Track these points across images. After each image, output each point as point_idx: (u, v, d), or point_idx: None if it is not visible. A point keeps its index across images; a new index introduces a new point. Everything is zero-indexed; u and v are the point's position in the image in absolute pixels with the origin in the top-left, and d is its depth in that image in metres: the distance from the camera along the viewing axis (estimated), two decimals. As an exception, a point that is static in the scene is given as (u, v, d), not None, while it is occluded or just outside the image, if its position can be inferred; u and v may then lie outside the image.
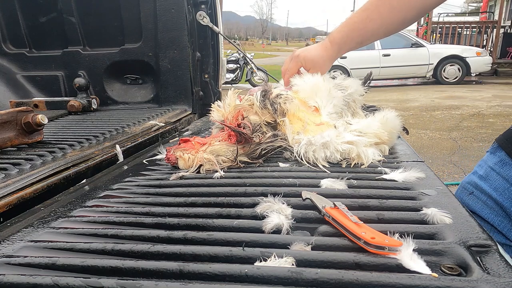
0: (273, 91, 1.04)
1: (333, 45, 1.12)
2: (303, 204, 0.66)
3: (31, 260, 0.52)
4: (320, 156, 0.89)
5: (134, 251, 0.53)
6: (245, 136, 0.91)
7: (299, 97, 1.06)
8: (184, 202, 0.72)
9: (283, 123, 1.00)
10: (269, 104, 1.00)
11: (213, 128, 1.12)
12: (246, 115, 0.98)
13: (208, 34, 1.93)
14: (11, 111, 1.19)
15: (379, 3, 1.02)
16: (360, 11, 1.06)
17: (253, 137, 0.92)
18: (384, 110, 1.02)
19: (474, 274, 0.44)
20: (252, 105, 1.01)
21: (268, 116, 1.01)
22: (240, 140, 0.91)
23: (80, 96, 1.89)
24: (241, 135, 0.90)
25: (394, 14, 1.00)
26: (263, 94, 1.02)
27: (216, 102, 1.06)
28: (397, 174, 0.79)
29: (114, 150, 1.22)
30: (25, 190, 0.90)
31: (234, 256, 0.51)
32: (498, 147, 0.89)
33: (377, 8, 1.02)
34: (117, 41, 2.00)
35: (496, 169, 0.87)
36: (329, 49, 1.13)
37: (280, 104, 1.00)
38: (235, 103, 1.02)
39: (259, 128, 0.97)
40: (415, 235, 0.52)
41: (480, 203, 0.89)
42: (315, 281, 0.44)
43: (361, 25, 1.05)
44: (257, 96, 1.02)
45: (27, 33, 2.08)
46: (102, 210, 0.71)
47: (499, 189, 0.86)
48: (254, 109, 1.01)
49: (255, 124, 0.97)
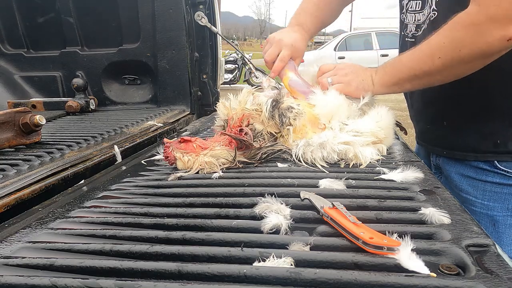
0: (284, 101, 0.98)
1: (304, 29, 1.21)
2: (302, 204, 0.66)
3: (29, 261, 0.52)
4: (318, 156, 0.89)
5: (133, 251, 0.53)
6: (246, 143, 0.90)
7: (313, 112, 1.01)
8: (182, 202, 0.72)
9: (287, 136, 0.97)
10: (278, 116, 0.95)
11: (215, 126, 1.08)
12: (252, 122, 0.95)
13: (207, 34, 1.93)
14: (9, 111, 1.19)
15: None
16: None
17: (253, 144, 0.92)
18: (376, 107, 1.02)
19: (472, 273, 0.44)
20: (260, 112, 0.97)
21: (274, 127, 0.97)
22: (240, 146, 0.91)
23: (78, 97, 1.89)
24: (241, 142, 0.90)
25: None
26: (274, 105, 0.96)
27: (225, 100, 1.02)
28: (395, 174, 0.79)
29: (112, 150, 1.22)
30: (23, 191, 0.90)
31: (233, 256, 0.51)
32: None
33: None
34: (115, 42, 2.00)
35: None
36: (303, 32, 1.20)
37: (290, 119, 0.96)
38: (244, 106, 0.98)
39: (260, 135, 0.95)
40: (414, 235, 0.52)
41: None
42: (314, 281, 0.44)
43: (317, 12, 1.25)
44: (267, 105, 0.96)
45: (25, 33, 2.07)
46: (101, 211, 0.71)
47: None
48: (261, 117, 0.96)
49: (257, 132, 0.95)
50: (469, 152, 1.04)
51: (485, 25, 0.82)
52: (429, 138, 1.20)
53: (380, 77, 1.02)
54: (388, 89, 1.03)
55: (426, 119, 1.18)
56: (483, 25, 0.82)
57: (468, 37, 0.84)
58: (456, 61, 0.88)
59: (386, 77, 1.01)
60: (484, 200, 1.03)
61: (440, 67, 0.90)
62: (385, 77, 1.02)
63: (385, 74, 1.02)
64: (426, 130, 1.20)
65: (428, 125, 1.17)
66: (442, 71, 0.91)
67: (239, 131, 0.92)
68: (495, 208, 1.01)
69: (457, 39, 0.86)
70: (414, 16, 1.09)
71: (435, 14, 0.99)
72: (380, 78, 1.02)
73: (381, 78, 1.02)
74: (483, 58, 0.87)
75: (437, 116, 1.12)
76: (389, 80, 1.01)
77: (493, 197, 1.01)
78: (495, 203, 1.01)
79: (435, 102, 1.10)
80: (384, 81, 1.02)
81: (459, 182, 1.08)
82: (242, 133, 0.92)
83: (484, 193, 1.03)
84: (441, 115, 1.10)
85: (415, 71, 0.94)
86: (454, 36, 0.86)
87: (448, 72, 0.92)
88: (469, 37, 0.84)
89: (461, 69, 0.91)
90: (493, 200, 1.01)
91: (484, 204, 1.03)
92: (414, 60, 0.95)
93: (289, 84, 1.14)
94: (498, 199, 1.01)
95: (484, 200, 1.03)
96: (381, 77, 1.02)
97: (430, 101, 1.12)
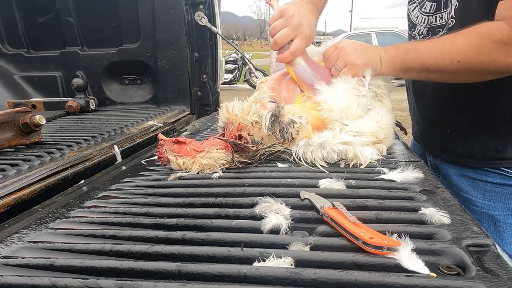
0: (285, 114, 0.92)
1: (317, 8, 1.10)
2: (302, 204, 0.66)
3: (29, 261, 0.52)
4: (318, 156, 0.89)
5: (133, 251, 0.53)
6: (242, 146, 0.90)
7: (318, 114, 0.97)
8: (182, 202, 0.72)
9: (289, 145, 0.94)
10: (278, 131, 0.91)
11: (218, 126, 1.05)
12: (252, 133, 0.93)
13: (207, 34, 1.93)
14: (9, 111, 1.19)
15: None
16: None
17: (250, 147, 0.90)
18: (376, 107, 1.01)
19: (472, 273, 0.44)
20: (260, 125, 0.93)
21: (274, 140, 0.93)
22: (237, 150, 0.90)
23: (78, 97, 1.89)
24: (237, 146, 0.90)
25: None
26: (273, 120, 0.91)
27: (227, 102, 0.98)
28: (395, 174, 0.79)
29: (112, 150, 1.22)
30: (23, 191, 0.90)
31: (233, 256, 0.51)
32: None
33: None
34: (115, 42, 2.00)
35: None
36: (316, 14, 1.09)
37: (292, 134, 0.91)
38: (245, 116, 0.93)
39: (259, 143, 0.93)
40: (414, 235, 0.53)
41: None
42: (314, 281, 0.44)
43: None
44: (266, 120, 0.91)
45: (25, 33, 2.07)
46: (101, 211, 0.71)
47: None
48: (261, 132, 0.93)
49: (256, 142, 0.93)
50: (471, 158, 1.03)
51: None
52: (428, 141, 1.19)
53: (390, 58, 0.98)
54: (395, 72, 1.00)
55: (428, 124, 1.17)
56: (511, 46, 0.83)
57: (494, 53, 0.84)
58: (473, 70, 0.89)
59: (397, 60, 0.98)
60: (484, 199, 1.03)
61: (456, 69, 0.90)
62: (395, 59, 0.98)
63: (396, 56, 0.98)
64: (426, 134, 1.20)
65: (429, 130, 1.17)
66: (455, 73, 0.91)
67: (238, 137, 0.90)
68: (496, 207, 1.01)
69: (482, 51, 0.86)
70: (427, 18, 1.06)
71: (453, 22, 0.97)
72: (390, 59, 0.98)
73: (390, 60, 0.98)
74: (497, 74, 0.89)
75: (440, 123, 1.10)
76: (398, 64, 0.98)
77: (494, 197, 1.01)
78: (495, 202, 1.01)
79: (439, 109, 1.09)
80: (393, 63, 0.98)
81: (459, 182, 1.08)
82: (242, 139, 0.90)
83: (484, 193, 1.03)
84: (445, 122, 1.08)
85: (429, 65, 0.93)
86: (481, 47, 0.86)
87: (460, 76, 0.92)
88: (495, 53, 0.84)
89: (473, 77, 0.92)
90: (494, 200, 1.01)
91: (485, 204, 1.03)
92: (432, 53, 0.92)
93: (295, 72, 1.05)
94: (498, 199, 1.01)
95: (485, 200, 1.03)
96: (391, 58, 0.98)
97: (434, 107, 1.11)
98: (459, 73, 0.91)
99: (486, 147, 1.00)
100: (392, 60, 0.98)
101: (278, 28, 1.01)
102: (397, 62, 0.97)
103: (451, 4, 0.98)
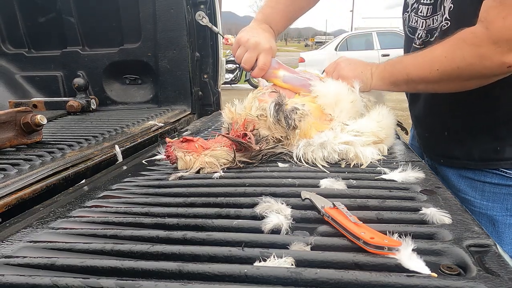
0: (288, 103, 0.97)
1: (273, 28, 1.22)
2: (303, 204, 0.66)
3: (30, 261, 0.52)
4: (319, 156, 0.89)
5: (133, 251, 0.53)
6: (245, 145, 0.90)
7: (317, 104, 1.01)
8: (183, 202, 0.72)
9: (293, 140, 0.95)
10: (283, 118, 0.93)
11: (222, 129, 1.08)
12: (258, 127, 0.94)
13: (207, 34, 1.93)
14: (10, 111, 1.19)
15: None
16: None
17: (253, 147, 0.91)
18: (377, 107, 1.02)
19: (473, 274, 0.44)
20: (265, 117, 0.95)
21: (281, 131, 0.95)
22: (240, 148, 0.91)
23: (79, 97, 1.89)
24: (241, 144, 0.90)
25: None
26: (277, 108, 0.94)
27: (230, 104, 1.01)
28: (396, 174, 0.79)
29: (113, 150, 1.22)
30: (24, 191, 0.90)
31: (234, 256, 0.51)
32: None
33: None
34: (116, 41, 2.00)
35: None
36: (272, 32, 1.21)
37: (295, 120, 0.94)
38: (249, 112, 0.96)
39: (265, 140, 0.94)
40: (415, 235, 0.52)
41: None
42: (315, 281, 0.44)
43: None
44: (270, 109, 0.94)
45: (26, 33, 2.08)
46: (101, 211, 0.71)
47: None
48: (267, 123, 0.95)
49: (262, 138, 0.94)
50: (470, 160, 1.03)
51: (487, 49, 0.81)
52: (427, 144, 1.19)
53: (379, 72, 1.03)
54: (385, 86, 1.03)
55: (426, 127, 1.17)
56: (485, 48, 0.81)
57: (468, 57, 0.83)
58: (453, 77, 0.88)
59: (385, 74, 1.02)
60: (483, 200, 1.03)
61: (436, 78, 0.90)
62: (384, 73, 1.02)
63: (385, 71, 1.02)
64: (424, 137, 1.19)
65: (427, 133, 1.17)
66: (438, 82, 0.91)
67: (243, 135, 0.91)
68: (494, 208, 1.01)
69: (457, 56, 0.85)
70: (425, 22, 1.06)
71: (448, 24, 0.97)
72: (379, 73, 1.03)
73: (380, 74, 1.03)
74: (480, 79, 0.88)
75: (438, 126, 1.10)
76: (387, 78, 1.01)
77: (492, 198, 1.01)
78: (494, 203, 1.01)
79: (438, 112, 1.09)
80: (382, 77, 1.02)
81: (457, 182, 1.08)
82: (246, 137, 0.91)
83: (483, 194, 1.03)
84: (444, 126, 1.08)
85: (412, 75, 0.95)
86: (455, 53, 0.86)
87: (444, 85, 0.92)
88: (469, 57, 0.83)
89: (458, 85, 0.91)
90: (492, 200, 1.01)
91: (483, 204, 1.03)
92: (414, 64, 0.95)
93: (284, 81, 1.12)
94: (497, 199, 1.01)
95: (483, 200, 1.03)
96: (380, 73, 1.03)
97: (432, 110, 1.11)
98: (441, 82, 0.91)
99: (485, 148, 1.00)
100: (381, 75, 1.02)
101: (241, 56, 1.14)
102: (386, 76, 1.02)
103: (444, 6, 0.98)
